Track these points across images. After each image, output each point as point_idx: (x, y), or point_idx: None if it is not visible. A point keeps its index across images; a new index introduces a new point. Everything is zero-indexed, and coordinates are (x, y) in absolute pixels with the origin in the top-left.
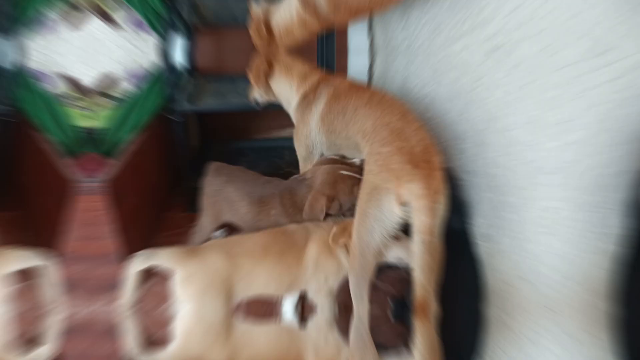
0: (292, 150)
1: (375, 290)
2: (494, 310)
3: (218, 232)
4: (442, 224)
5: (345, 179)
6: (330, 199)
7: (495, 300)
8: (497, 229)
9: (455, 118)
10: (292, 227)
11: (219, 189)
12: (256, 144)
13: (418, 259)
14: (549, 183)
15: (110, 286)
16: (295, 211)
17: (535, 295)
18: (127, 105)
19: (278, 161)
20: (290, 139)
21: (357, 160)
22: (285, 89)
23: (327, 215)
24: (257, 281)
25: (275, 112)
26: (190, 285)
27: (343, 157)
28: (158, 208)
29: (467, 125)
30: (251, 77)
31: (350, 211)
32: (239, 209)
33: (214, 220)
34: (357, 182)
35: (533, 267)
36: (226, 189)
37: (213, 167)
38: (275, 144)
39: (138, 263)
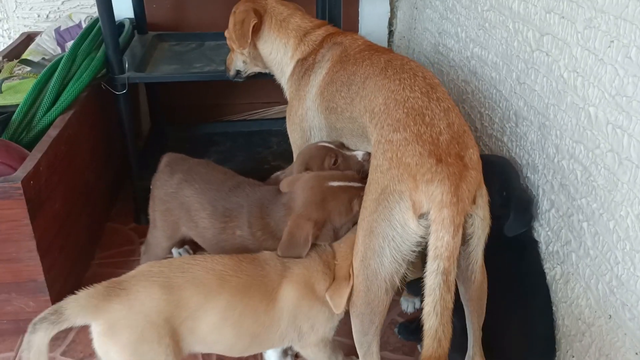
0: (283, 136)
1: None
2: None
3: (176, 252)
4: (481, 245)
5: (338, 192)
6: (320, 225)
7: (568, 346)
8: (570, 246)
9: (511, 88)
10: (266, 254)
11: (173, 192)
12: (232, 128)
13: (432, 296)
14: None
15: (24, 329)
16: (266, 237)
17: (623, 338)
18: (50, 73)
19: (263, 151)
20: (280, 120)
21: (358, 154)
22: (278, 51)
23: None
24: (206, 323)
25: (260, 83)
26: (117, 337)
27: (342, 145)
28: (97, 217)
29: (527, 98)
30: (231, 36)
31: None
32: (197, 221)
33: (169, 234)
34: (357, 193)
35: (622, 299)
36: (182, 192)
37: (166, 160)
38: (259, 128)
39: (40, 336)
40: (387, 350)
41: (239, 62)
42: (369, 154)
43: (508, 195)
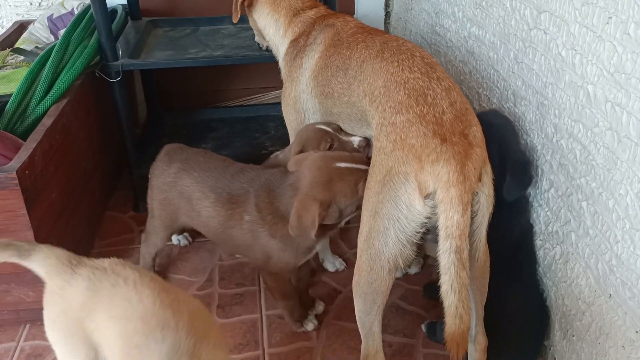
0: (280, 121)
1: None
2: (566, 339)
3: (176, 238)
4: (485, 222)
5: (345, 173)
6: (326, 205)
7: (568, 325)
8: (570, 225)
9: (508, 68)
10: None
11: (171, 181)
12: (229, 114)
13: (447, 275)
14: None
15: (25, 319)
16: (276, 220)
17: (624, 316)
18: (43, 62)
19: (260, 137)
20: (277, 105)
21: (355, 139)
22: (270, 26)
23: (323, 227)
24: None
25: (256, 68)
26: (54, 327)
27: (339, 128)
28: (95, 206)
29: (525, 77)
30: None
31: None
32: (200, 210)
33: (167, 223)
34: (363, 176)
35: (622, 278)
36: (182, 181)
37: (165, 150)
38: (256, 113)
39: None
40: (388, 333)
41: (255, 34)
42: (365, 139)
43: (505, 157)
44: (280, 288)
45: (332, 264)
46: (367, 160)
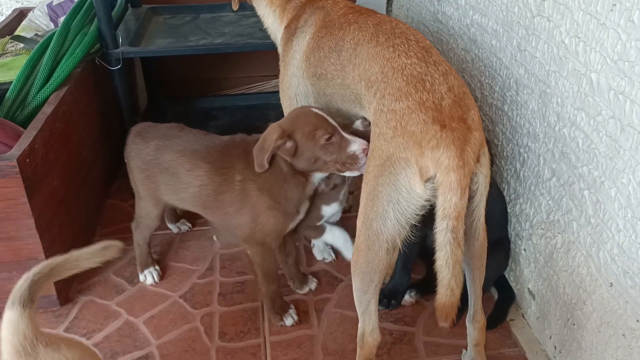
0: (281, 109)
1: None
2: (567, 327)
3: (175, 227)
4: (484, 201)
5: (311, 116)
6: (285, 134)
7: (569, 314)
8: (571, 214)
9: (511, 56)
10: None
11: (152, 159)
12: (230, 102)
13: (443, 251)
14: None
15: None
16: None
17: (624, 305)
18: (43, 50)
19: (261, 125)
20: (278, 94)
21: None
22: (268, 16)
23: (292, 171)
24: None
25: (257, 55)
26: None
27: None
28: (96, 194)
29: (528, 65)
30: None
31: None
32: (192, 181)
33: (154, 201)
34: (326, 128)
35: (623, 267)
36: (164, 157)
37: (135, 130)
38: (257, 101)
39: None
40: (388, 321)
41: None
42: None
43: None
44: (265, 265)
45: (321, 253)
46: (344, 126)
